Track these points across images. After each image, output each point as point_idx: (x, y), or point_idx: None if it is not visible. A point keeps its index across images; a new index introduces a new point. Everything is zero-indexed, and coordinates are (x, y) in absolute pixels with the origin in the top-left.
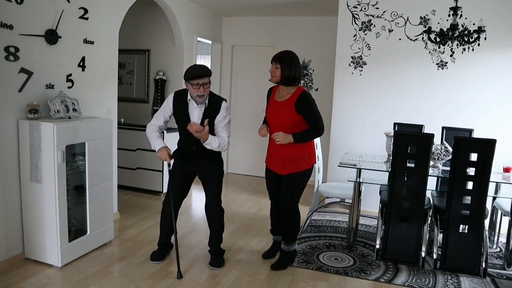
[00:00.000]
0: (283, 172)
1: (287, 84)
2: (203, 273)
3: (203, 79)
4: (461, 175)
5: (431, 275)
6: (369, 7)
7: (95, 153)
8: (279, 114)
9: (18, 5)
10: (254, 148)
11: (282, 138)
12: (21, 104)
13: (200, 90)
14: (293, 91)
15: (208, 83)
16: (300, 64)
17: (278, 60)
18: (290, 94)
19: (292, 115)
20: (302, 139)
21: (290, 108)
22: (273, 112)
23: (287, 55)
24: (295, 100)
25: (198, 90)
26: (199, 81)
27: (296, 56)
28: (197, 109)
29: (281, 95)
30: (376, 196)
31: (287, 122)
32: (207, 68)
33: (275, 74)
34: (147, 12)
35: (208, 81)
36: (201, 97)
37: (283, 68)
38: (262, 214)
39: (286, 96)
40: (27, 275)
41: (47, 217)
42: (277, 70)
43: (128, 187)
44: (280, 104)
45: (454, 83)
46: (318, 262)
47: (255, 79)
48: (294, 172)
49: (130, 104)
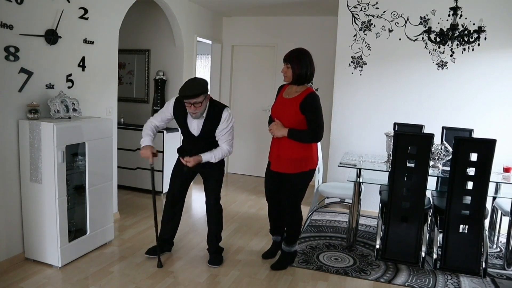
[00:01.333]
0: (284, 170)
1: (299, 83)
2: (203, 273)
3: (194, 99)
4: (461, 175)
5: (431, 275)
6: (369, 7)
7: (95, 153)
8: (283, 111)
9: (18, 5)
10: (254, 148)
11: (276, 129)
12: (21, 104)
13: (192, 108)
14: (302, 90)
15: (201, 102)
16: (312, 61)
17: (288, 60)
18: (298, 93)
19: (295, 113)
20: (295, 137)
21: (295, 107)
22: (278, 108)
23: (297, 53)
24: (301, 99)
25: (190, 108)
26: (190, 100)
27: (308, 53)
28: (195, 120)
29: (290, 92)
30: (376, 196)
31: (289, 119)
32: (200, 86)
33: (287, 74)
34: (147, 12)
35: (201, 100)
36: (195, 114)
37: (293, 67)
38: (262, 214)
39: (294, 94)
40: (27, 275)
41: (47, 217)
42: (288, 70)
43: (128, 187)
44: (287, 101)
45: (454, 83)
46: (318, 262)
47: (255, 79)
48: (297, 172)
49: (130, 104)
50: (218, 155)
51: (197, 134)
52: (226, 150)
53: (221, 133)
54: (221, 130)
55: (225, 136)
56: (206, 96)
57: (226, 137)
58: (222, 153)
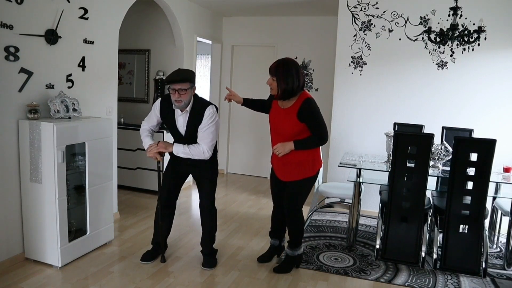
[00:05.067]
0: (285, 179)
1: (285, 98)
2: (203, 273)
3: (179, 85)
4: (461, 175)
5: (431, 275)
6: (369, 7)
7: (95, 153)
8: (282, 122)
9: (18, 5)
10: (254, 148)
11: (282, 149)
12: (21, 104)
13: (176, 95)
14: (296, 98)
15: (186, 89)
16: (300, 71)
17: (273, 72)
18: (293, 101)
19: (295, 124)
20: (303, 146)
21: (293, 117)
22: (275, 120)
23: (281, 64)
24: (297, 108)
25: (174, 96)
26: (175, 86)
27: (294, 63)
28: (181, 116)
29: (283, 102)
30: (376, 196)
31: (290, 130)
32: (187, 73)
33: (273, 86)
34: (147, 12)
35: (187, 87)
36: (179, 102)
37: (279, 81)
38: (262, 214)
39: (288, 103)
40: (27, 275)
41: (47, 217)
42: (274, 83)
43: (128, 187)
44: (283, 112)
45: (454, 83)
46: (318, 262)
47: (255, 79)
48: (297, 179)
49: (130, 104)
50: (192, 151)
51: (183, 132)
52: (202, 150)
53: (202, 129)
54: (203, 127)
55: (205, 134)
56: (192, 86)
57: (206, 137)
58: (197, 152)
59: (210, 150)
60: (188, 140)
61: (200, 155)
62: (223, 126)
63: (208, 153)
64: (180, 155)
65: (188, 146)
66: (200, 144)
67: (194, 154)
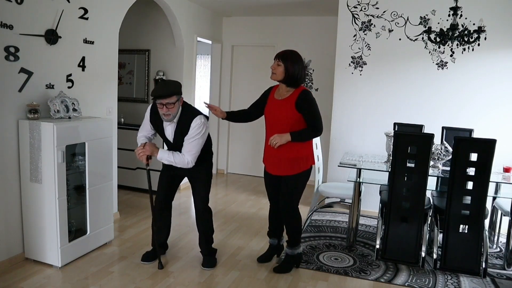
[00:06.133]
0: (281, 173)
1: (289, 84)
2: (203, 273)
3: (166, 99)
4: (461, 175)
5: (431, 275)
6: (369, 7)
7: (95, 153)
8: (278, 112)
9: (18, 5)
10: (254, 148)
11: (279, 139)
12: (21, 104)
13: (164, 109)
14: (294, 90)
15: (174, 102)
16: (304, 66)
17: (282, 58)
18: (290, 92)
19: (292, 113)
20: (300, 138)
21: (290, 106)
22: (271, 110)
23: (292, 53)
24: (295, 98)
25: (162, 109)
26: (162, 101)
27: (301, 57)
28: (169, 126)
29: (281, 93)
30: (376, 196)
31: (286, 120)
32: (174, 86)
33: (276, 71)
34: (147, 12)
35: (174, 101)
36: (167, 116)
37: (287, 66)
38: (262, 214)
39: (286, 94)
40: (27, 275)
41: (47, 217)
42: (278, 68)
43: (128, 187)
44: (280, 102)
45: (454, 83)
46: (318, 262)
47: (255, 79)
48: (292, 174)
49: (130, 104)
50: (176, 160)
51: (172, 140)
52: (186, 161)
53: (188, 140)
54: (188, 138)
55: (190, 145)
56: (179, 98)
57: (191, 148)
58: (181, 162)
59: (194, 161)
60: (178, 148)
61: (183, 165)
62: (223, 126)
63: (192, 164)
64: (164, 162)
65: (173, 153)
66: (184, 154)
67: (178, 163)
